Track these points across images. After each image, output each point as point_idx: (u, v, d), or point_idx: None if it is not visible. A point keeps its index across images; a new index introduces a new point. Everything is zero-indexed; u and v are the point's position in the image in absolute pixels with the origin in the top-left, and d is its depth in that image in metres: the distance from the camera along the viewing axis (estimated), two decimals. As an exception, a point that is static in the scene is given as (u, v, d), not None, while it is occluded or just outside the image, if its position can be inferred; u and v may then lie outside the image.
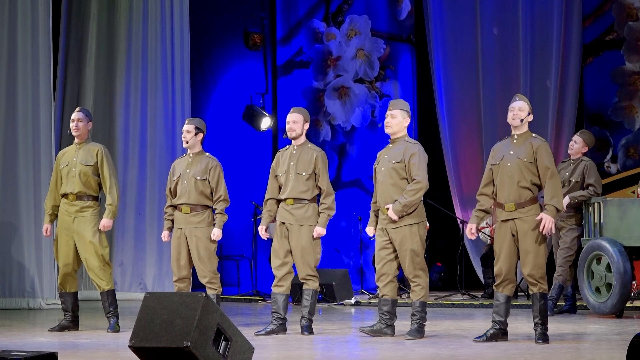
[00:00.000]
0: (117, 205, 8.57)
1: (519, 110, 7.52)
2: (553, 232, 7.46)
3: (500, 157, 7.54)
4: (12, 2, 11.45)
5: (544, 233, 7.36)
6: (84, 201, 8.52)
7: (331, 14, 15.08)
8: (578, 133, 10.36)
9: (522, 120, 7.51)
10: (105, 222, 8.51)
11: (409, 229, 7.79)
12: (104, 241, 8.56)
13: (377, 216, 7.99)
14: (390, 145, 7.97)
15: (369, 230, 8.05)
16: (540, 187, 7.49)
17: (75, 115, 8.65)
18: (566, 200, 9.86)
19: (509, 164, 7.46)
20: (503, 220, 7.49)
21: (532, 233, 7.38)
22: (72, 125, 8.63)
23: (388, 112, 7.95)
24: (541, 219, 7.34)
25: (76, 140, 8.65)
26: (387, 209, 7.78)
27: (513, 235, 7.45)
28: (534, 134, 7.59)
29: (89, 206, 8.53)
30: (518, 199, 7.42)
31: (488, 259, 12.06)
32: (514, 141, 7.55)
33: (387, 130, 7.96)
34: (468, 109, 13.98)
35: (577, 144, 10.14)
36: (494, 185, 7.57)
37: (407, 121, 7.95)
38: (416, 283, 7.81)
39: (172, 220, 8.64)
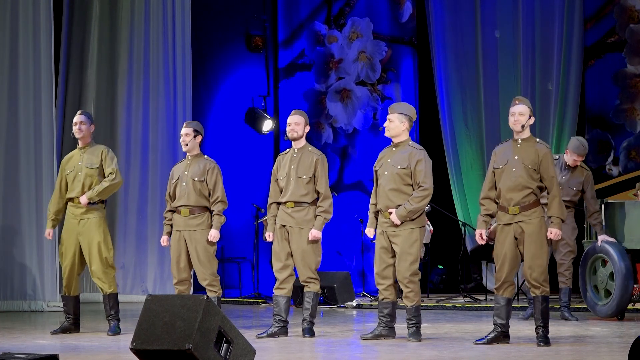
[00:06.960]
0: (117, 182, 8.50)
1: (520, 115, 7.47)
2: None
3: (504, 161, 7.50)
4: (14, 5, 11.45)
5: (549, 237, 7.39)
6: (89, 204, 8.53)
7: (333, 17, 15.07)
8: (576, 150, 9.65)
9: (523, 126, 7.49)
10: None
11: (410, 233, 7.74)
12: (109, 244, 8.59)
13: (376, 217, 7.95)
14: (394, 148, 7.92)
15: (369, 232, 7.98)
16: (542, 190, 7.48)
17: (77, 118, 8.66)
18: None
19: (514, 169, 7.43)
20: (505, 224, 7.48)
21: (537, 236, 7.37)
22: (74, 128, 8.64)
23: (387, 116, 7.94)
24: (550, 231, 7.39)
25: (80, 144, 8.66)
26: (390, 212, 7.75)
27: (516, 239, 7.44)
28: (537, 139, 7.55)
29: (95, 209, 8.55)
30: (522, 203, 7.40)
31: (478, 253, 12.01)
32: (518, 145, 7.50)
33: (386, 134, 7.93)
34: (470, 111, 13.98)
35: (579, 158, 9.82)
36: (496, 188, 7.56)
37: (406, 125, 7.85)
38: (410, 289, 7.74)
39: (172, 225, 8.65)
